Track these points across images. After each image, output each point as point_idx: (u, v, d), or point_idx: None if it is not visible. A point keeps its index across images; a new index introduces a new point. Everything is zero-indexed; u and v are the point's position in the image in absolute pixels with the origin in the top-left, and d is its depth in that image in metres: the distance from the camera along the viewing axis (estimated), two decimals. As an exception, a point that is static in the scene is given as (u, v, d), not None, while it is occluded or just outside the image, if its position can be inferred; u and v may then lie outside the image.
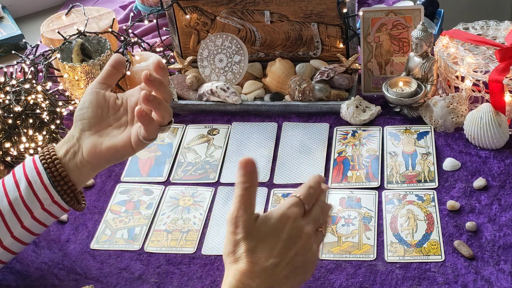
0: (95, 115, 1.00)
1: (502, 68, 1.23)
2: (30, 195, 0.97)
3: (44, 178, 0.97)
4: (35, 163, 0.98)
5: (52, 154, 0.98)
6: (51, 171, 0.97)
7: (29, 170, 0.98)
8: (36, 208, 0.98)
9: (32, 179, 0.97)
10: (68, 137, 1.01)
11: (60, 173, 0.97)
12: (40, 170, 0.97)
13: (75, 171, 0.99)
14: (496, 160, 1.22)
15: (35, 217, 0.98)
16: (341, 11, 1.40)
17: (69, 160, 0.98)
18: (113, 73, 1.03)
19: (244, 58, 1.43)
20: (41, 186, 0.97)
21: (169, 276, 1.07)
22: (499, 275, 1.01)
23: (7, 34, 1.73)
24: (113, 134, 1.00)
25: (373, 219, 1.13)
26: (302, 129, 1.34)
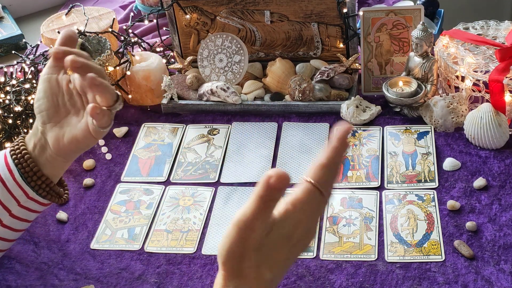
0: (52, 105, 0.95)
1: (502, 68, 1.23)
2: (4, 193, 0.95)
3: (16, 175, 0.94)
4: (6, 159, 0.95)
5: (22, 148, 0.95)
6: (23, 167, 0.94)
7: (1, 167, 0.95)
8: (13, 206, 0.96)
9: (4, 177, 0.94)
10: (34, 130, 0.97)
11: (32, 168, 0.94)
12: (11, 167, 0.94)
13: (47, 165, 0.96)
14: (496, 160, 1.22)
15: (14, 214, 0.96)
16: (341, 11, 1.40)
17: (39, 155, 0.95)
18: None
19: (244, 58, 1.43)
20: (14, 184, 0.94)
21: (169, 276, 1.07)
22: (499, 275, 1.01)
23: (7, 34, 1.73)
24: (73, 124, 0.95)
25: (374, 219, 1.13)
26: (302, 129, 1.34)
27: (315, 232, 0.76)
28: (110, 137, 1.38)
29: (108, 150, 1.35)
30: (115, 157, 1.33)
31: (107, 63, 1.41)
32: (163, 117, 1.42)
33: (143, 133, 1.38)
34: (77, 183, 1.27)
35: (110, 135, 1.38)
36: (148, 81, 1.43)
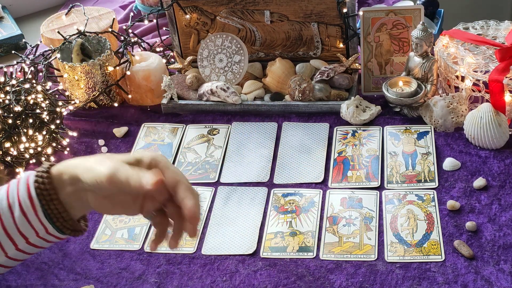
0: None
1: (502, 68, 1.23)
2: (24, 223, 0.88)
3: (40, 213, 0.88)
4: (30, 191, 0.88)
5: (50, 190, 0.88)
6: (50, 208, 0.88)
7: (23, 198, 0.88)
8: (31, 235, 0.90)
9: (25, 208, 0.88)
10: (73, 180, 0.88)
11: (60, 212, 0.88)
12: (35, 202, 0.88)
13: (76, 208, 0.90)
14: (496, 160, 1.22)
15: (31, 242, 0.91)
16: (341, 11, 1.40)
17: (70, 200, 0.89)
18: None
19: (244, 58, 1.43)
20: (35, 218, 0.88)
21: (169, 276, 1.07)
22: (499, 275, 1.01)
23: (7, 34, 1.73)
24: (124, 201, 0.89)
25: (374, 219, 1.13)
26: (302, 129, 1.34)
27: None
28: (110, 137, 1.38)
29: (108, 150, 1.35)
30: (115, 157, 1.33)
31: (107, 63, 1.41)
32: (163, 117, 1.42)
33: (143, 133, 1.38)
34: (77, 183, 1.27)
35: (110, 135, 1.38)
36: (148, 81, 1.43)
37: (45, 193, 0.88)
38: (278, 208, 1.17)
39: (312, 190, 1.20)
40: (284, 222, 1.14)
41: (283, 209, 1.17)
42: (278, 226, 1.14)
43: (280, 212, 1.16)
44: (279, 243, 1.11)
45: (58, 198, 0.88)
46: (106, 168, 0.84)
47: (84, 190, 0.87)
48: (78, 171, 0.87)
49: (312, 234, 1.12)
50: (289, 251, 1.09)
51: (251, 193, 1.21)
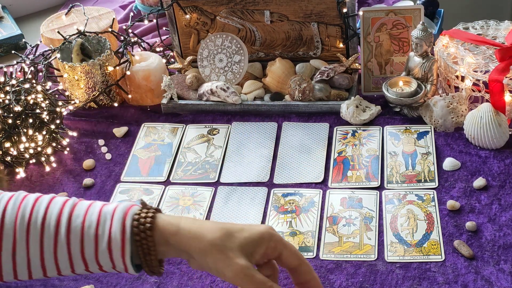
0: None
1: (502, 68, 1.23)
2: (105, 257, 0.86)
3: (127, 257, 0.85)
4: (125, 233, 0.84)
5: (150, 244, 0.85)
6: (143, 253, 0.85)
7: (114, 236, 0.85)
8: (107, 267, 0.87)
9: (113, 247, 0.85)
10: (182, 253, 0.86)
11: (152, 260, 0.86)
12: (126, 248, 0.84)
13: (166, 256, 0.88)
14: (496, 160, 1.22)
15: (103, 270, 0.88)
16: (341, 11, 1.40)
17: (167, 254, 0.87)
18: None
19: (244, 58, 1.43)
20: (119, 258, 0.86)
21: (169, 276, 1.07)
22: (499, 275, 1.01)
23: (7, 34, 1.73)
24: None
25: (374, 219, 1.13)
26: (302, 129, 1.34)
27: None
28: (110, 137, 1.38)
29: (108, 150, 1.35)
30: (115, 157, 1.33)
31: (107, 63, 1.41)
32: (163, 117, 1.42)
33: (143, 133, 1.38)
34: (77, 183, 1.27)
35: (110, 135, 1.38)
36: (148, 81, 1.43)
37: (144, 244, 0.85)
38: (278, 208, 1.17)
39: (312, 190, 1.20)
40: (284, 222, 1.14)
41: (283, 209, 1.17)
42: (278, 226, 1.14)
43: (280, 212, 1.16)
44: (279, 243, 1.11)
45: (155, 251, 0.86)
46: (231, 272, 0.83)
47: (190, 257, 0.86)
48: (193, 251, 0.85)
49: (312, 234, 1.12)
50: (289, 251, 1.09)
51: (251, 193, 1.21)
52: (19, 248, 0.86)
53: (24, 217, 0.86)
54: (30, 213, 0.86)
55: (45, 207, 0.87)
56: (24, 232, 0.85)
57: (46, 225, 0.86)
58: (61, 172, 1.31)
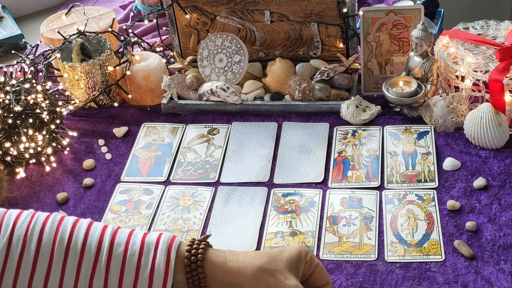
0: None
1: (502, 67, 1.23)
2: (143, 287, 0.86)
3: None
4: (169, 265, 0.85)
5: (201, 276, 0.86)
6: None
7: (158, 268, 0.85)
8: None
9: (155, 279, 0.85)
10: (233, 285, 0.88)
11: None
12: (168, 280, 0.85)
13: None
14: (496, 160, 1.22)
15: None
16: (341, 10, 1.40)
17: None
18: None
19: (244, 58, 1.43)
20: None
21: (169, 276, 1.07)
22: (499, 275, 1.01)
23: (7, 34, 1.73)
24: None
25: (374, 219, 1.13)
26: (302, 129, 1.34)
27: None
28: (110, 137, 1.38)
29: (108, 150, 1.35)
30: (115, 157, 1.33)
31: (107, 63, 1.41)
32: (163, 117, 1.42)
33: (143, 133, 1.38)
34: (77, 183, 1.27)
35: (110, 135, 1.38)
36: (148, 81, 1.43)
37: (195, 276, 0.86)
38: (278, 208, 1.17)
39: (312, 190, 1.20)
40: (284, 222, 1.14)
41: (283, 209, 1.17)
42: (278, 226, 1.14)
43: (280, 212, 1.16)
44: (279, 243, 1.11)
45: (205, 283, 0.86)
46: (290, 285, 0.86)
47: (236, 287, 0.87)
48: (243, 280, 0.86)
49: (312, 234, 1.12)
50: (289, 251, 1.09)
51: (251, 193, 1.21)
52: (53, 272, 0.84)
53: (63, 240, 0.85)
54: (69, 236, 0.85)
55: (85, 231, 0.86)
56: (62, 256, 0.84)
57: (87, 250, 0.85)
58: (61, 172, 1.31)
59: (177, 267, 0.86)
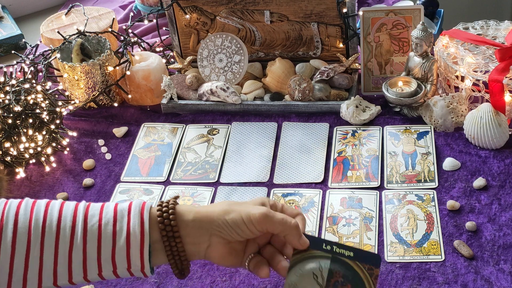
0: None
1: (502, 68, 1.23)
2: (122, 255, 0.87)
3: (145, 251, 0.87)
4: (143, 224, 0.87)
5: (174, 227, 0.88)
6: (169, 244, 0.87)
7: (133, 230, 0.86)
8: (121, 267, 0.88)
9: (132, 242, 0.86)
10: (201, 222, 0.90)
11: (179, 249, 0.88)
12: (145, 239, 0.86)
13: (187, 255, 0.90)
14: (496, 160, 1.22)
15: (117, 273, 0.89)
16: (341, 11, 1.40)
17: (188, 243, 0.89)
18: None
19: (244, 58, 1.43)
20: (137, 254, 0.87)
21: (169, 276, 1.07)
22: (499, 275, 1.01)
23: (7, 34, 1.73)
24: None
25: (374, 219, 1.13)
26: (302, 129, 1.34)
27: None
28: (110, 137, 1.38)
29: (108, 150, 1.35)
30: (115, 157, 1.33)
31: (107, 63, 1.41)
32: (163, 117, 1.42)
33: (143, 133, 1.38)
34: (77, 183, 1.27)
35: (110, 135, 1.38)
36: (148, 81, 1.43)
37: (169, 228, 0.87)
38: (278, 208, 1.17)
39: (312, 190, 1.20)
40: (284, 222, 1.14)
41: (283, 209, 1.17)
42: (278, 226, 1.14)
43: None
44: (279, 243, 1.11)
45: (179, 232, 0.88)
46: (258, 211, 0.88)
47: (210, 234, 0.88)
48: (214, 217, 0.89)
49: (312, 234, 1.11)
50: (289, 251, 1.09)
51: (251, 193, 1.21)
52: (32, 253, 0.85)
53: (38, 220, 0.86)
54: (44, 217, 0.86)
55: (58, 210, 0.87)
56: (39, 236, 0.85)
57: (62, 227, 0.86)
58: (61, 172, 1.31)
59: (151, 226, 0.88)
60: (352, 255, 0.89)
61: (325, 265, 0.89)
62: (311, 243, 0.90)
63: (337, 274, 0.88)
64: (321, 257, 0.89)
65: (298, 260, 0.90)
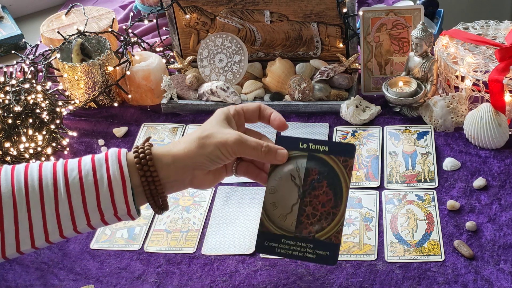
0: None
1: (502, 68, 1.23)
2: (107, 201, 0.89)
3: (129, 194, 0.89)
4: (122, 169, 0.89)
5: (151, 167, 0.91)
6: (149, 188, 0.91)
7: (114, 175, 0.89)
8: (108, 214, 0.90)
9: (114, 187, 0.89)
10: (177, 158, 0.93)
11: (158, 190, 0.91)
12: (127, 183, 0.89)
13: (168, 190, 0.94)
14: (496, 160, 1.22)
15: (105, 220, 0.91)
16: (341, 10, 1.40)
17: (169, 180, 0.93)
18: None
19: (244, 58, 1.43)
20: (121, 198, 0.90)
21: (169, 276, 1.07)
22: (499, 275, 1.01)
23: (7, 34, 1.73)
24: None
25: (374, 219, 1.13)
26: (302, 129, 1.34)
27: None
28: (110, 137, 1.38)
29: (108, 150, 1.35)
30: (115, 157, 1.33)
31: (107, 63, 1.41)
32: (163, 117, 1.42)
33: (143, 133, 1.38)
34: (77, 183, 1.27)
35: (110, 135, 1.38)
36: (148, 81, 1.43)
37: (148, 173, 0.90)
38: (278, 208, 1.17)
39: (312, 190, 1.20)
40: (284, 222, 1.14)
41: (283, 209, 1.17)
42: (278, 226, 1.14)
43: (280, 212, 1.16)
44: (279, 243, 1.11)
45: (160, 179, 0.91)
46: (232, 137, 0.92)
47: (192, 169, 0.92)
48: (191, 152, 0.92)
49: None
50: (289, 251, 1.09)
51: (251, 193, 1.21)
52: (20, 214, 0.87)
53: (20, 183, 0.88)
54: (25, 179, 0.88)
55: (38, 170, 0.90)
56: (24, 197, 0.88)
57: (44, 185, 0.88)
58: (61, 172, 1.31)
59: (130, 171, 0.90)
60: (327, 150, 0.90)
61: (301, 164, 0.91)
62: (288, 144, 0.93)
63: (313, 172, 0.90)
64: (299, 156, 0.92)
65: (277, 164, 0.93)
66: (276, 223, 0.93)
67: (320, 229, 0.90)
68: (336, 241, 0.89)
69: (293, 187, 0.91)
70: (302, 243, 0.90)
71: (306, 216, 0.90)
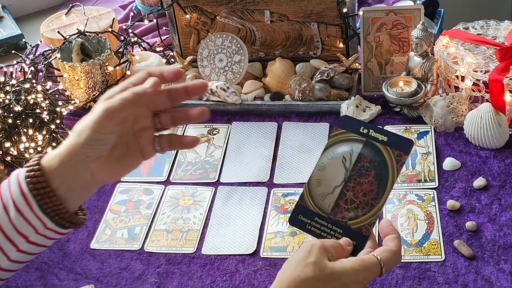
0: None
1: (502, 67, 1.23)
2: (21, 222, 0.86)
3: (35, 209, 0.86)
4: (21, 187, 0.85)
5: (43, 182, 0.85)
6: (45, 202, 0.86)
7: (16, 195, 0.86)
8: (30, 233, 0.88)
9: (20, 206, 0.85)
10: (65, 156, 0.86)
11: (55, 203, 0.86)
12: (29, 199, 0.85)
13: (75, 195, 0.88)
14: (496, 160, 1.22)
15: (31, 241, 0.89)
16: (341, 10, 1.40)
17: (68, 185, 0.86)
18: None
19: (244, 58, 1.43)
20: (31, 214, 0.85)
21: (169, 276, 1.07)
22: (499, 275, 1.01)
23: (7, 34, 1.73)
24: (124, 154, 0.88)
25: (373, 219, 1.13)
26: (302, 128, 1.34)
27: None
28: (110, 137, 1.38)
29: (108, 150, 1.35)
30: (115, 157, 1.33)
31: (107, 63, 1.41)
32: (163, 117, 1.42)
33: (143, 133, 1.38)
34: (77, 183, 1.27)
35: (110, 135, 1.38)
36: (148, 81, 1.42)
37: (38, 186, 0.85)
38: (278, 208, 1.17)
39: (312, 190, 1.20)
40: (284, 222, 1.14)
41: (283, 208, 1.17)
42: (278, 226, 1.14)
43: (280, 212, 1.16)
44: (279, 243, 1.11)
45: (52, 189, 0.86)
46: (97, 109, 0.82)
47: (83, 163, 0.85)
48: (70, 145, 0.85)
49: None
50: (289, 250, 1.09)
51: (251, 193, 1.21)
52: None
53: None
54: None
55: None
56: None
57: None
58: (61, 172, 1.31)
59: (30, 187, 0.85)
60: (385, 140, 0.89)
61: (356, 149, 0.89)
62: (350, 124, 0.90)
63: (364, 159, 0.88)
64: (356, 140, 0.90)
65: (334, 142, 0.91)
66: (315, 200, 0.92)
67: (354, 217, 0.89)
68: (366, 233, 0.88)
69: (341, 169, 0.90)
70: (333, 227, 0.89)
71: (344, 201, 0.89)
